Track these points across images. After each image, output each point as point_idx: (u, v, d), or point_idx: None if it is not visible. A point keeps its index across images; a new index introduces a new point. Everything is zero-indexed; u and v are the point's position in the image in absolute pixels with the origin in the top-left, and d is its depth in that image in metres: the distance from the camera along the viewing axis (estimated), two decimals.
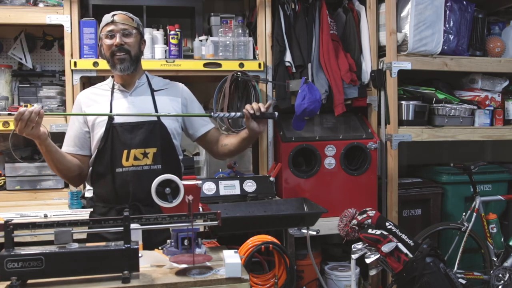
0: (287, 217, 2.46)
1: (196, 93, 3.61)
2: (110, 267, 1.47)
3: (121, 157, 2.05)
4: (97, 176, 2.11)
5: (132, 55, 2.09)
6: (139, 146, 2.06)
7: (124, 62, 2.07)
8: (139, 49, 2.15)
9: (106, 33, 2.08)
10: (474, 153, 4.30)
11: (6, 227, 1.44)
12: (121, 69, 2.07)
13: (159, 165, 2.09)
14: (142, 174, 2.07)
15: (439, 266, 2.57)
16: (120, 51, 2.06)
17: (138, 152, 2.06)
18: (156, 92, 2.17)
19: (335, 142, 3.29)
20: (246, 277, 1.54)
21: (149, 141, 2.07)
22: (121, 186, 2.06)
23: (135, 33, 2.12)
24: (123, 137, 2.05)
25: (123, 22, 2.09)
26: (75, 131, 2.12)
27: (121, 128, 2.05)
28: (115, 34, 2.07)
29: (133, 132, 2.06)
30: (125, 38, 2.08)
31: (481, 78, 3.70)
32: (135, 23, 2.14)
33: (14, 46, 3.33)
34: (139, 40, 2.15)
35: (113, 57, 2.07)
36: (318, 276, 2.96)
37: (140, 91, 2.16)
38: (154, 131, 2.09)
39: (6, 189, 3.12)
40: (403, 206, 3.55)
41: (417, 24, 3.36)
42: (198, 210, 1.73)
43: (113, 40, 2.07)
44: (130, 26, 2.11)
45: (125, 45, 2.07)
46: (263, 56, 3.30)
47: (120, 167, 2.06)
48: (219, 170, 3.28)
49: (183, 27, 3.27)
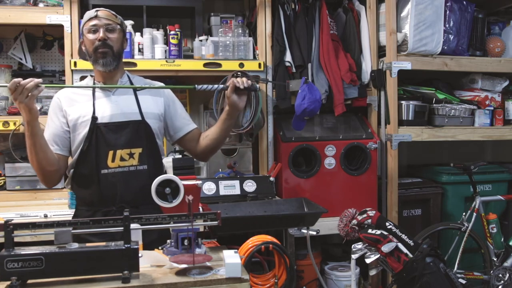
0: (287, 217, 2.46)
1: (196, 93, 3.65)
2: (110, 267, 1.47)
3: (106, 158, 1.99)
4: (80, 179, 2.03)
5: (114, 51, 2.04)
6: (124, 147, 2.01)
7: (106, 57, 2.02)
8: (122, 46, 2.11)
9: (90, 27, 2.04)
10: (474, 153, 4.30)
11: (6, 227, 1.44)
12: (104, 63, 2.02)
13: (145, 166, 2.05)
14: (128, 175, 2.03)
15: (439, 266, 2.57)
16: (103, 46, 2.01)
17: (124, 153, 2.01)
18: (139, 92, 2.13)
19: (335, 142, 3.29)
20: (246, 277, 1.54)
21: (134, 141, 2.03)
22: (107, 188, 2.00)
23: (118, 29, 2.08)
24: (108, 138, 2.00)
25: (106, 18, 2.05)
26: (55, 129, 2.04)
27: (105, 128, 2.00)
28: (98, 29, 2.03)
29: (118, 132, 2.01)
30: (108, 33, 2.03)
31: (481, 78, 3.70)
32: (118, 19, 2.10)
33: (14, 46, 3.33)
34: (122, 37, 2.10)
35: (95, 52, 2.02)
36: (318, 276, 2.96)
37: (123, 91, 2.11)
38: (139, 131, 2.05)
39: (6, 189, 3.12)
40: (403, 206, 3.55)
41: (417, 24, 3.36)
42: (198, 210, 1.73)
43: (97, 35, 2.02)
44: (114, 22, 2.06)
45: (108, 40, 2.03)
46: (263, 56, 3.30)
47: (106, 168, 2.00)
48: (219, 170, 3.28)
49: (183, 27, 3.27)
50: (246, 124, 3.04)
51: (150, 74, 3.16)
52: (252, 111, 3.05)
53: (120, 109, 2.04)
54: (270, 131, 3.30)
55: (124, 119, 2.04)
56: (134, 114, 2.06)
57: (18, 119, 2.95)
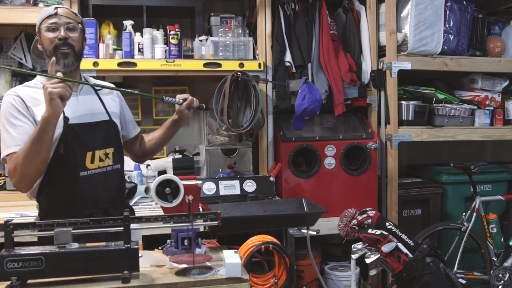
0: (287, 217, 2.46)
1: (196, 93, 3.63)
2: (110, 267, 1.47)
3: (84, 160, 1.91)
4: (56, 183, 1.90)
5: (76, 50, 1.95)
6: (101, 147, 1.97)
7: (68, 57, 1.92)
8: (82, 45, 2.01)
9: (48, 25, 1.91)
10: (474, 153, 4.30)
11: (6, 227, 1.44)
12: (65, 64, 1.91)
13: (118, 165, 2.05)
14: (107, 175, 2.00)
15: (439, 266, 2.57)
16: (64, 46, 1.91)
17: (101, 153, 1.97)
18: (99, 92, 2.08)
19: (335, 142, 3.29)
20: (246, 277, 1.54)
21: (107, 141, 2.00)
22: (87, 190, 1.92)
23: (79, 28, 1.98)
24: (84, 138, 1.92)
25: (67, 16, 1.94)
26: (26, 128, 1.84)
27: (79, 128, 1.91)
28: (58, 27, 1.91)
29: (92, 132, 1.95)
30: (69, 32, 1.93)
31: (481, 78, 3.71)
32: (79, 18, 2.01)
33: (14, 46, 3.33)
34: (82, 36, 2.01)
35: (56, 51, 1.90)
36: (318, 276, 2.96)
37: (86, 91, 2.03)
38: (109, 130, 2.02)
39: (6, 189, 3.11)
40: (403, 206, 3.55)
41: (417, 24, 3.36)
42: (198, 210, 1.73)
43: (57, 33, 1.91)
44: (75, 21, 1.96)
45: (70, 40, 1.92)
46: (263, 56, 3.30)
47: (85, 170, 1.92)
48: (219, 170, 3.28)
49: (183, 27, 3.27)
50: (246, 124, 3.04)
51: (150, 74, 3.18)
52: (252, 111, 3.05)
53: (88, 109, 1.98)
54: (270, 131, 3.30)
55: (94, 119, 1.99)
56: (102, 114, 2.02)
57: None
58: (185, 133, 3.66)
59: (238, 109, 3.09)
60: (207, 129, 3.37)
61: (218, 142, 3.33)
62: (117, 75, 3.19)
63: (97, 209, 1.93)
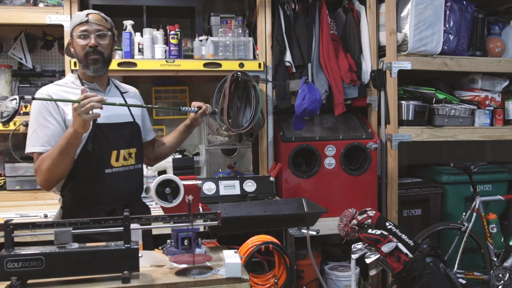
0: (287, 217, 2.46)
1: (196, 93, 3.65)
2: (110, 267, 1.47)
3: (109, 158, 2.01)
4: (81, 178, 2.00)
5: (105, 57, 2.05)
6: (126, 147, 2.07)
7: (97, 63, 2.02)
8: (111, 51, 2.12)
9: (80, 32, 2.01)
10: (474, 153, 4.30)
11: (6, 227, 1.44)
12: (95, 69, 2.03)
13: (139, 164, 2.16)
14: (129, 174, 2.10)
15: (439, 266, 2.57)
16: (94, 53, 2.01)
17: (125, 152, 2.07)
18: (125, 94, 2.21)
19: (335, 142, 3.29)
20: (246, 277, 1.54)
21: (131, 142, 2.10)
22: (111, 187, 2.02)
23: (109, 35, 2.08)
24: (111, 138, 2.02)
25: (97, 23, 2.03)
26: (53, 130, 1.96)
27: (107, 128, 2.01)
28: (89, 34, 2.01)
29: (118, 132, 2.06)
30: (99, 39, 2.03)
31: (481, 78, 3.71)
32: (109, 24, 2.09)
33: (14, 46, 3.33)
34: (112, 42, 2.11)
35: (86, 58, 2.02)
36: (318, 276, 2.96)
37: (113, 93, 2.16)
38: (133, 131, 2.13)
39: (6, 189, 3.12)
40: (403, 206, 3.55)
41: (417, 24, 3.36)
42: (198, 210, 1.73)
43: (87, 40, 2.01)
44: (105, 28, 2.06)
45: (99, 47, 2.02)
46: (263, 56, 3.30)
47: (110, 168, 2.02)
48: (219, 170, 3.28)
49: (183, 27, 3.27)
50: (246, 124, 3.04)
51: (150, 74, 3.18)
52: (252, 111, 3.05)
53: (114, 111, 2.07)
54: (270, 131, 3.30)
55: (120, 120, 2.09)
56: (127, 116, 2.13)
57: (18, 119, 2.95)
58: None
59: (238, 109, 3.09)
60: (207, 129, 3.37)
61: (218, 142, 3.33)
62: (117, 75, 3.19)
63: (118, 205, 2.03)
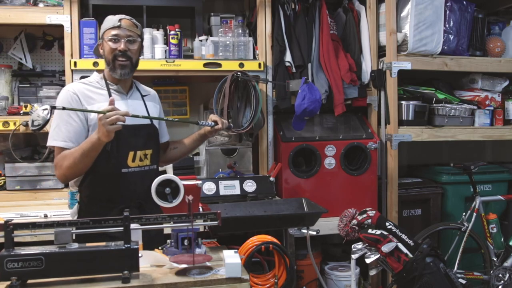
0: (287, 217, 2.46)
1: (196, 93, 3.65)
2: (110, 267, 1.47)
3: (126, 158, 2.10)
4: (99, 177, 2.09)
5: (133, 62, 2.15)
6: (142, 148, 2.15)
7: (125, 68, 2.11)
8: (139, 55, 2.21)
9: (111, 36, 2.10)
10: (474, 153, 4.30)
11: (6, 227, 1.44)
12: (122, 74, 2.12)
13: (155, 165, 2.23)
14: (144, 174, 2.16)
15: (439, 266, 2.57)
16: (123, 57, 2.10)
17: (141, 154, 2.15)
18: (145, 97, 2.28)
19: (335, 142, 3.29)
20: (246, 277, 1.54)
21: (148, 143, 2.17)
22: (126, 186, 2.10)
23: (138, 41, 2.17)
24: (129, 139, 2.11)
25: (129, 29, 2.12)
26: (75, 127, 2.06)
27: (125, 129, 2.04)
28: (120, 39, 2.10)
29: (136, 134, 2.13)
30: (129, 44, 2.12)
31: (481, 78, 3.70)
32: (139, 30, 2.19)
33: (14, 46, 3.33)
34: (140, 48, 2.21)
35: (114, 61, 2.10)
36: (318, 276, 2.96)
37: (135, 96, 2.24)
38: (150, 133, 2.20)
39: (6, 189, 3.11)
40: (403, 206, 3.55)
41: (417, 24, 3.36)
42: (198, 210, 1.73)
43: (117, 44, 2.10)
44: (135, 34, 2.15)
45: (128, 52, 2.11)
46: (263, 56, 3.30)
47: (126, 168, 2.10)
48: (219, 170, 3.28)
49: (183, 27, 3.27)
50: (246, 124, 3.04)
51: (150, 74, 3.18)
52: (252, 111, 3.05)
53: (135, 113, 2.11)
54: (270, 131, 3.30)
55: (139, 122, 2.15)
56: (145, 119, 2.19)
57: (18, 119, 2.95)
58: (185, 133, 3.66)
59: (238, 109, 3.09)
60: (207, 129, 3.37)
61: (218, 142, 3.33)
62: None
63: (132, 203, 2.10)
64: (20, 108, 3.06)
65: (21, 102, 3.18)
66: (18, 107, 3.09)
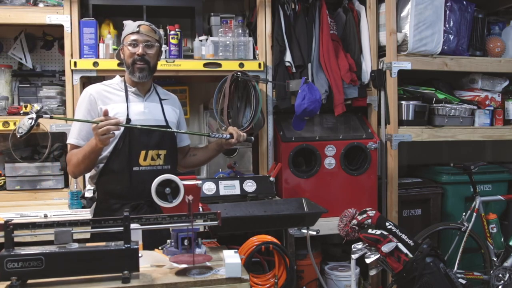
0: (287, 217, 2.46)
1: (196, 93, 3.65)
2: (110, 267, 1.47)
3: (138, 157, 2.18)
4: (111, 174, 2.19)
5: (151, 65, 2.24)
6: (154, 148, 2.22)
7: (143, 72, 2.21)
8: (157, 59, 2.30)
9: (130, 41, 2.20)
10: (474, 153, 4.30)
11: (6, 227, 1.44)
12: (140, 77, 2.22)
13: (169, 165, 2.28)
14: (156, 173, 2.14)
15: (439, 266, 2.57)
16: (141, 61, 2.20)
17: (154, 153, 2.22)
18: (163, 101, 2.35)
19: (335, 142, 3.29)
20: (246, 277, 1.54)
21: (161, 143, 2.24)
22: (137, 183, 2.17)
23: (156, 46, 2.26)
24: (142, 138, 2.19)
25: (147, 34, 2.21)
26: (87, 126, 2.16)
27: (139, 130, 2.15)
28: (138, 44, 2.20)
29: (149, 134, 2.20)
30: (147, 49, 2.21)
31: (481, 78, 3.71)
32: (157, 35, 2.27)
33: (14, 46, 3.33)
34: (158, 52, 2.29)
35: (133, 65, 2.20)
36: (318, 276, 2.96)
37: (152, 98, 2.33)
38: (165, 135, 2.27)
39: (6, 189, 3.12)
40: (403, 206, 3.55)
41: (417, 24, 3.36)
42: (198, 210, 1.73)
43: (136, 49, 2.19)
44: (153, 39, 2.23)
45: (146, 56, 2.20)
46: (263, 56, 3.30)
47: (137, 166, 2.19)
48: (219, 170, 3.28)
49: (183, 27, 3.27)
50: (246, 124, 3.04)
51: None
52: (252, 111, 3.05)
53: (150, 115, 2.25)
54: (270, 131, 3.30)
55: (154, 123, 2.24)
56: (161, 121, 2.30)
57: (18, 119, 2.95)
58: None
59: (238, 109, 3.09)
60: (207, 129, 3.37)
61: None
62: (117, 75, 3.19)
63: (143, 201, 2.17)
64: (20, 108, 3.06)
65: (21, 102, 3.18)
66: (18, 107, 3.09)
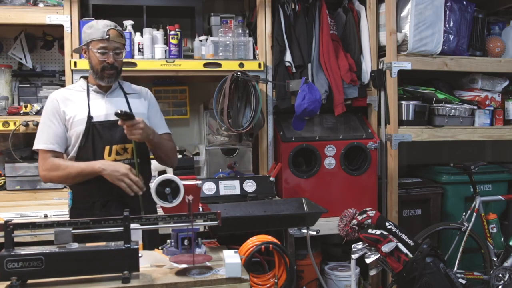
0: (287, 217, 2.46)
1: (196, 93, 3.65)
2: (110, 267, 1.47)
3: (103, 153, 2.16)
4: None
5: (119, 70, 2.25)
6: (119, 142, 2.19)
7: (112, 77, 2.22)
8: (123, 61, 2.30)
9: (100, 48, 2.17)
10: (474, 153, 4.30)
11: (6, 227, 1.44)
12: (108, 82, 2.23)
13: (138, 159, 2.21)
14: None
15: (439, 266, 2.57)
16: (111, 69, 2.19)
17: (119, 148, 2.19)
18: (129, 95, 2.32)
19: (335, 142, 3.29)
20: (246, 277, 1.54)
21: (127, 137, 2.15)
22: (105, 180, 2.12)
23: (124, 50, 2.28)
24: (104, 134, 2.17)
25: (116, 41, 2.19)
26: (55, 129, 2.17)
27: (100, 126, 2.17)
28: (108, 52, 2.18)
29: (112, 129, 2.18)
30: (116, 56, 2.21)
31: (481, 78, 3.70)
32: (123, 39, 2.26)
33: (14, 46, 3.33)
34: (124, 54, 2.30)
35: (102, 72, 2.20)
36: (318, 276, 2.96)
37: (114, 94, 2.29)
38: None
39: (6, 189, 3.11)
40: (403, 206, 3.55)
41: (417, 24, 3.36)
42: (198, 210, 1.73)
43: (105, 56, 2.18)
44: (121, 44, 2.23)
45: (115, 63, 2.21)
46: (263, 56, 3.30)
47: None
48: (219, 170, 3.28)
49: (183, 27, 3.27)
50: (246, 124, 3.04)
51: (150, 74, 3.18)
52: (252, 111, 3.05)
53: (113, 109, 2.17)
54: (270, 131, 3.29)
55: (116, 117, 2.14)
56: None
57: (18, 119, 2.96)
58: (185, 133, 3.67)
59: (238, 109, 3.09)
60: (207, 129, 3.37)
61: (218, 142, 3.33)
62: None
63: (112, 197, 2.16)
64: (20, 108, 3.06)
65: (21, 102, 3.18)
66: (18, 107, 3.09)
